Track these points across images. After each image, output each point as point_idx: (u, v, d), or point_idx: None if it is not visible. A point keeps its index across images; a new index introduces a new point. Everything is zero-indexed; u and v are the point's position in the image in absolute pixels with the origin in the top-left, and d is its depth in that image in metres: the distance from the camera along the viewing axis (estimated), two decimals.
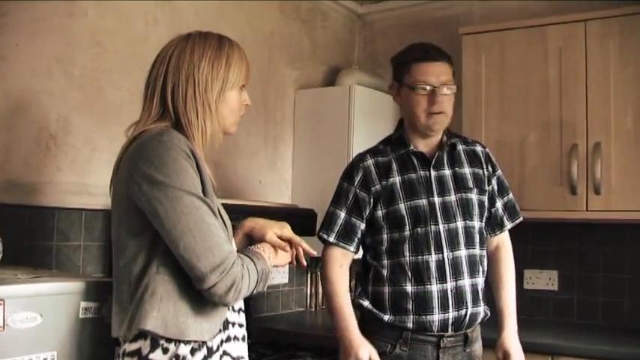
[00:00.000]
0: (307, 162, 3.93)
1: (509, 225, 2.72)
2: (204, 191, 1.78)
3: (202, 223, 1.70)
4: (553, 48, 3.42)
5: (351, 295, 2.54)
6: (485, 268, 2.60)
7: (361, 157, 2.59)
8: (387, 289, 2.48)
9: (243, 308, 1.98)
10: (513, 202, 2.74)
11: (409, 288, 2.44)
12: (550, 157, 3.39)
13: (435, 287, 2.43)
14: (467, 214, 2.53)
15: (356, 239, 2.54)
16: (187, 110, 1.85)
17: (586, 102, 3.32)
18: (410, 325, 2.43)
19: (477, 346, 2.59)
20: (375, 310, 2.49)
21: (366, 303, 2.52)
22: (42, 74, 2.65)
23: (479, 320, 2.54)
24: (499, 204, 2.68)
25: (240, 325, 1.95)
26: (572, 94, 3.35)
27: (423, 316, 2.42)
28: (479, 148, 2.68)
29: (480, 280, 2.54)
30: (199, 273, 1.69)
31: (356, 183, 2.53)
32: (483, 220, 2.60)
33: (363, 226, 2.54)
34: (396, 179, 2.50)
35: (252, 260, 1.79)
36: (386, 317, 2.46)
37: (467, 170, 2.59)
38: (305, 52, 4.09)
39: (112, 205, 1.87)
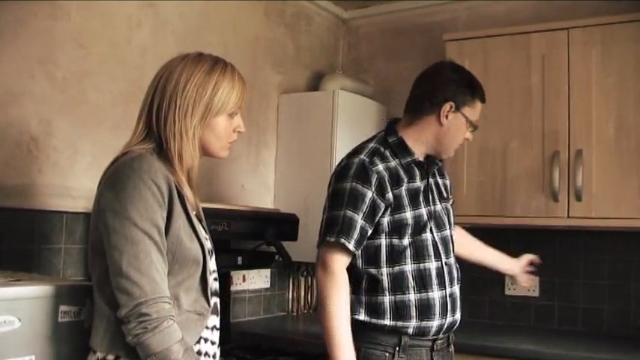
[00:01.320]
0: (290, 166, 3.92)
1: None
2: (170, 218, 1.79)
3: (136, 257, 1.70)
4: (536, 55, 3.44)
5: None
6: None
7: (371, 159, 2.43)
8: (387, 299, 2.40)
9: (217, 326, 1.97)
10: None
11: (412, 296, 2.41)
12: (532, 164, 3.41)
13: (436, 294, 2.43)
14: (450, 223, 2.59)
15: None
16: (167, 134, 1.86)
17: (568, 109, 3.33)
18: (410, 330, 2.39)
19: (452, 345, 2.62)
20: (373, 320, 2.40)
21: (361, 316, 2.42)
22: (24, 76, 2.64)
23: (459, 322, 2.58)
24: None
25: (213, 343, 1.94)
26: (555, 101, 3.37)
27: (425, 322, 2.40)
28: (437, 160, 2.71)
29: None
30: (119, 301, 1.70)
31: (373, 187, 2.38)
32: None
33: (370, 233, 2.42)
34: (404, 187, 2.45)
35: (182, 338, 1.73)
36: (386, 322, 2.39)
37: (440, 181, 2.64)
38: (289, 57, 4.09)
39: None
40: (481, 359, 3.00)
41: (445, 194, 2.64)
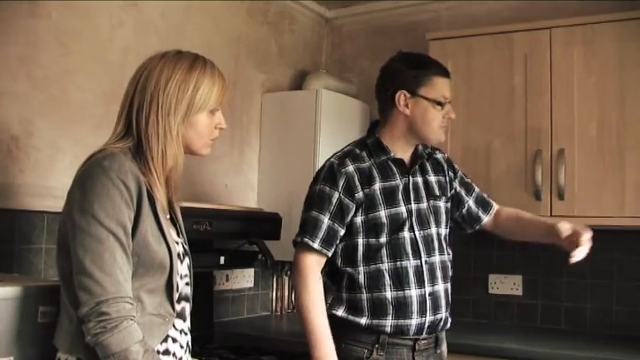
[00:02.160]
0: (273, 166, 3.92)
1: (486, 217, 2.80)
2: (138, 220, 1.78)
3: (99, 256, 1.69)
4: (519, 55, 3.45)
5: None
6: (451, 274, 2.62)
7: (341, 161, 2.49)
8: (364, 296, 2.45)
9: (186, 331, 1.96)
10: (482, 195, 2.82)
11: (389, 293, 2.43)
12: (515, 163, 3.42)
13: (414, 292, 2.44)
14: (438, 222, 2.58)
15: (334, 246, 2.47)
16: (149, 133, 1.85)
17: (550, 109, 3.35)
18: (388, 329, 2.42)
19: (444, 347, 2.64)
20: (351, 317, 2.45)
21: (340, 312, 2.47)
22: (4, 75, 2.61)
23: (449, 324, 2.59)
24: (470, 202, 2.77)
25: (181, 346, 1.93)
26: (537, 100, 3.38)
27: (402, 321, 2.42)
28: (439, 155, 2.72)
29: (449, 285, 2.59)
30: (80, 299, 1.69)
31: (340, 188, 2.44)
32: (448, 227, 2.65)
33: (342, 232, 2.46)
34: (377, 186, 2.47)
35: (142, 338, 1.72)
36: (363, 321, 2.43)
37: (433, 178, 2.63)
38: (272, 56, 4.08)
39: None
40: (464, 358, 3.00)
41: (438, 192, 2.61)
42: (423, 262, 2.47)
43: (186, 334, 1.95)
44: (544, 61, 3.38)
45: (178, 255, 1.90)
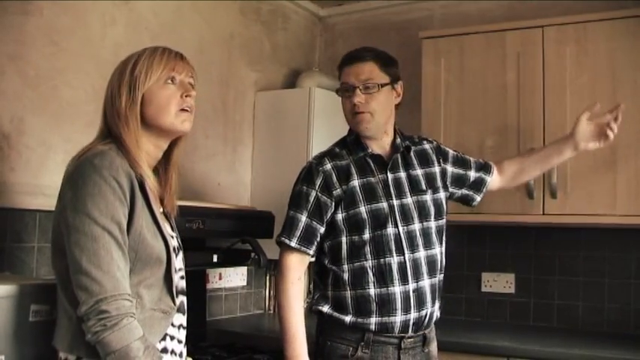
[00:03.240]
0: (266, 164, 3.91)
1: (489, 177, 2.84)
2: (132, 216, 1.78)
3: (95, 254, 1.69)
4: (511, 53, 3.45)
5: (308, 298, 2.53)
6: (444, 265, 2.62)
7: (319, 160, 2.54)
8: (348, 294, 2.47)
9: (184, 325, 1.97)
10: (479, 161, 2.85)
11: (372, 290, 2.44)
12: None
13: (397, 289, 2.44)
14: (423, 216, 2.56)
15: (316, 243, 2.50)
16: (110, 124, 1.89)
17: (543, 107, 3.35)
18: (372, 326, 2.43)
19: (433, 346, 2.62)
20: (335, 314, 2.48)
21: (325, 308, 2.50)
22: None
23: (435, 318, 2.58)
24: (472, 173, 2.80)
25: (179, 342, 1.93)
26: (530, 98, 3.38)
27: (386, 317, 2.43)
28: (427, 145, 2.72)
29: (437, 280, 2.57)
30: (79, 298, 1.69)
31: (317, 186, 2.49)
32: (443, 217, 2.65)
33: (322, 230, 2.50)
34: (356, 183, 2.49)
35: (143, 335, 1.72)
36: (348, 319, 2.45)
37: (419, 172, 2.61)
38: (265, 54, 4.07)
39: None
40: (457, 356, 3.01)
41: (425, 186, 2.60)
42: (407, 259, 2.47)
43: (184, 328, 1.96)
44: (536, 60, 3.38)
45: (174, 249, 1.91)
